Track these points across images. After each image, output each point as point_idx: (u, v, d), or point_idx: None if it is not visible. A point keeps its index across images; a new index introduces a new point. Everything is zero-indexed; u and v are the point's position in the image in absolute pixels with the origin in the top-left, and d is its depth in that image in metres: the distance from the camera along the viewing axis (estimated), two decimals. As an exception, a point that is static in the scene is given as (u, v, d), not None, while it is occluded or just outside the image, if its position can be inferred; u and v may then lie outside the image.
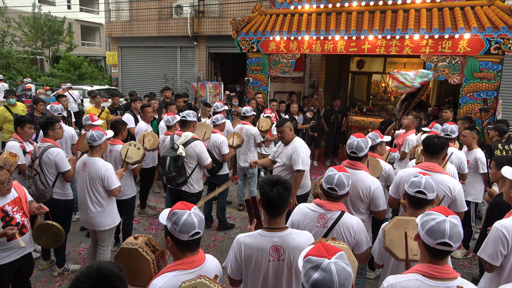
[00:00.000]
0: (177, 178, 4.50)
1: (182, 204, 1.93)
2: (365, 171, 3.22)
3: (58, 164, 4.11)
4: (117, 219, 4.11)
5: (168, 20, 13.64)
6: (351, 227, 2.50)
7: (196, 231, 1.85)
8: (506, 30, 6.25)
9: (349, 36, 7.54)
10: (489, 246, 2.47)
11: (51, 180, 4.15)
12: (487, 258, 2.48)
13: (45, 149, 4.11)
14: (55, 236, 3.29)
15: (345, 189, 2.49)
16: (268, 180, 2.20)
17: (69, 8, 28.39)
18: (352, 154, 3.20)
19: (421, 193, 2.40)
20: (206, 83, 9.31)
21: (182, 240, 1.86)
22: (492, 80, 6.56)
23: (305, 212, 2.59)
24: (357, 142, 3.15)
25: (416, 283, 1.78)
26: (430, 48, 6.92)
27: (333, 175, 2.49)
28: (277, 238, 2.17)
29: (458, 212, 3.15)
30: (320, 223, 2.52)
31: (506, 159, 3.35)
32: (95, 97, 7.78)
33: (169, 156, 4.49)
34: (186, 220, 1.83)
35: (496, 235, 2.43)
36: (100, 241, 4.08)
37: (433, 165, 3.21)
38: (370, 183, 3.14)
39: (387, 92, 13.29)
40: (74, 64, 18.62)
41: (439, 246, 1.73)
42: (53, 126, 4.26)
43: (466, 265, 4.92)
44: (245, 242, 2.22)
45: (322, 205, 2.55)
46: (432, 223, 1.75)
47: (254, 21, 8.73)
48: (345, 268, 1.39)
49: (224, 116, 6.18)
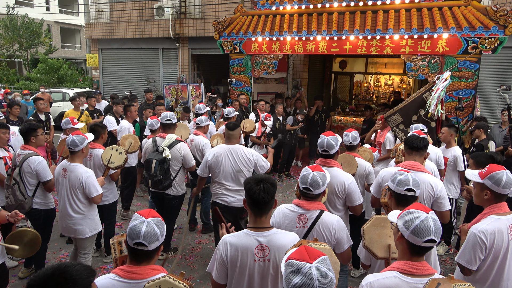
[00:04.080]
0: (163, 181, 4.41)
1: (146, 212, 1.87)
2: (338, 167, 3.29)
3: (39, 173, 3.92)
4: (98, 226, 3.99)
5: (150, 22, 13.49)
6: (331, 226, 2.49)
7: (138, 241, 1.76)
8: (483, 30, 6.40)
9: (331, 37, 7.59)
10: (467, 251, 2.47)
11: (30, 190, 3.96)
12: (465, 264, 2.48)
13: (26, 157, 3.91)
14: (31, 243, 3.12)
15: (320, 188, 2.49)
16: (252, 178, 2.20)
17: (48, 10, 27.80)
18: (324, 152, 3.28)
19: (410, 190, 2.41)
20: (188, 85, 9.22)
21: (129, 246, 1.82)
22: (470, 79, 6.70)
23: (285, 213, 2.58)
24: (327, 141, 3.24)
25: (394, 281, 1.78)
26: (410, 48, 7.03)
27: (307, 174, 2.49)
28: (262, 238, 2.15)
29: (443, 211, 3.16)
30: (299, 223, 2.51)
31: (483, 157, 3.40)
32: (74, 99, 7.62)
33: (154, 159, 4.37)
34: (135, 226, 1.79)
35: (474, 240, 2.43)
36: (81, 249, 3.95)
37: (415, 164, 3.24)
38: (344, 179, 3.21)
39: (369, 92, 13.47)
40: (53, 67, 18.21)
41: (425, 243, 1.74)
42: (35, 133, 4.06)
43: (448, 261, 5.00)
44: (230, 241, 2.18)
45: (301, 205, 2.54)
46: (417, 221, 1.75)
47: (236, 22, 8.71)
48: (327, 273, 1.35)
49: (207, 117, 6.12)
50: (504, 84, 5.24)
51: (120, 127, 6.21)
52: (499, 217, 2.46)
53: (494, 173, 2.48)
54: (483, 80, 8.54)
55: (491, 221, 2.45)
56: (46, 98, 8.52)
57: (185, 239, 5.36)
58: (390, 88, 12.96)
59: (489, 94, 8.52)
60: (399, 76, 12.75)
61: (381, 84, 13.31)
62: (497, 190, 2.47)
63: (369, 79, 13.57)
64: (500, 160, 3.90)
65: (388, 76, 13.08)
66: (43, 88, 12.36)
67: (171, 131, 4.71)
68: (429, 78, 6.97)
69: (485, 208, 2.56)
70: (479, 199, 2.63)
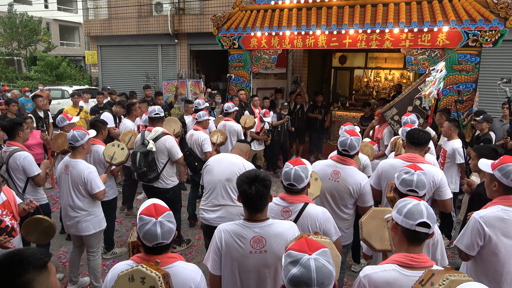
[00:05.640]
0: (148, 174, 4.44)
1: (152, 209, 1.86)
2: (354, 166, 3.19)
3: (25, 168, 3.87)
4: (103, 223, 3.95)
5: (148, 18, 13.41)
6: (316, 218, 2.46)
7: (158, 242, 1.81)
8: (483, 23, 6.35)
9: (330, 31, 7.54)
10: (466, 236, 2.46)
11: (20, 186, 3.93)
12: (463, 248, 2.48)
13: (11, 153, 3.87)
14: (46, 231, 3.19)
15: (304, 181, 2.46)
16: (245, 177, 2.14)
17: (47, 8, 27.69)
18: (344, 152, 3.16)
19: (413, 191, 2.38)
20: (187, 81, 9.18)
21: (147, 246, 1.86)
22: (470, 72, 6.66)
23: (270, 207, 2.55)
24: (350, 141, 3.10)
25: (393, 274, 1.76)
26: (410, 42, 6.98)
27: (289, 171, 2.45)
28: (258, 229, 2.13)
29: (444, 200, 3.15)
30: (284, 216, 2.49)
31: (486, 149, 3.37)
32: (72, 96, 7.58)
33: (139, 151, 4.44)
34: (149, 230, 1.80)
35: (474, 226, 2.41)
36: (89, 247, 3.92)
37: (415, 156, 3.21)
38: (360, 179, 3.12)
39: (369, 87, 13.42)
40: (52, 65, 18.15)
41: (419, 227, 1.75)
42: (21, 127, 4.03)
43: (449, 255, 4.98)
44: (226, 229, 2.19)
45: (285, 199, 2.52)
46: (409, 206, 1.80)
47: (235, 17, 8.65)
48: (326, 266, 1.33)
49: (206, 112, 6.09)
50: (504, 77, 5.20)
51: (123, 127, 6.11)
52: (507, 208, 2.40)
53: (504, 165, 2.42)
54: (483, 73, 8.49)
55: (496, 210, 2.41)
56: (45, 96, 8.48)
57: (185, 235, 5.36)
58: (391, 83, 12.92)
59: (489, 88, 8.47)
60: (399, 70, 12.69)
61: (381, 79, 13.26)
62: (506, 183, 2.42)
63: (369, 74, 13.51)
64: (501, 153, 3.87)
65: (388, 71, 13.02)
66: (41, 85, 12.32)
67: (159, 125, 4.73)
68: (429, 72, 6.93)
69: (493, 199, 2.51)
70: (488, 190, 2.60)
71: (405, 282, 1.72)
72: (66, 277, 4.37)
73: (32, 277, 1.31)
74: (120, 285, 1.66)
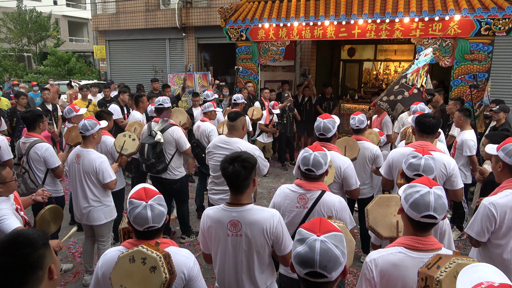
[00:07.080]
0: (156, 165, 4.45)
1: (142, 192, 1.85)
2: (335, 151, 3.21)
3: (47, 160, 3.90)
4: (114, 213, 3.98)
5: (156, 12, 13.40)
6: (333, 206, 2.43)
7: (149, 226, 1.81)
8: (496, 11, 6.20)
9: (339, 21, 7.44)
10: (477, 223, 2.42)
11: (40, 177, 3.96)
12: (474, 235, 2.44)
13: (31, 144, 3.89)
14: (55, 217, 3.33)
15: (323, 168, 2.42)
16: (229, 157, 2.16)
17: (56, 4, 27.87)
18: (321, 136, 3.23)
19: (419, 176, 2.31)
20: (194, 73, 9.16)
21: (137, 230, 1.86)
22: (483, 62, 6.52)
23: (286, 193, 2.54)
24: (324, 124, 3.19)
25: (400, 256, 1.72)
26: (421, 31, 6.86)
27: (308, 155, 2.42)
28: (236, 213, 2.15)
29: (456, 189, 3.10)
30: (300, 203, 2.46)
31: (500, 136, 3.30)
32: (81, 89, 7.62)
33: (147, 143, 4.44)
34: (140, 214, 1.80)
35: (484, 212, 2.38)
36: (99, 237, 3.94)
37: (426, 143, 3.15)
38: (341, 163, 3.13)
39: (378, 79, 13.25)
40: (62, 59, 18.30)
41: (423, 219, 1.68)
42: (41, 119, 4.05)
43: (461, 246, 4.90)
44: (208, 214, 2.24)
45: (302, 185, 2.49)
46: (416, 195, 1.69)
47: (242, 8, 8.59)
48: (332, 250, 1.28)
49: (215, 104, 6.05)
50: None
51: (132, 119, 6.10)
52: None
53: (507, 144, 2.42)
54: (496, 62, 8.31)
55: (505, 194, 2.37)
56: (54, 90, 8.52)
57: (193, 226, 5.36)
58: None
59: (502, 77, 8.29)
60: (409, 63, 12.47)
61: (390, 71, 13.07)
62: (509, 162, 2.40)
63: (378, 66, 13.34)
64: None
65: (398, 63, 12.83)
66: (51, 80, 12.42)
67: (165, 115, 4.70)
68: (440, 61, 6.80)
69: (502, 183, 2.47)
70: (495, 172, 2.59)
71: (412, 264, 1.67)
72: (75, 267, 4.40)
73: (43, 252, 1.38)
74: (120, 266, 1.65)
